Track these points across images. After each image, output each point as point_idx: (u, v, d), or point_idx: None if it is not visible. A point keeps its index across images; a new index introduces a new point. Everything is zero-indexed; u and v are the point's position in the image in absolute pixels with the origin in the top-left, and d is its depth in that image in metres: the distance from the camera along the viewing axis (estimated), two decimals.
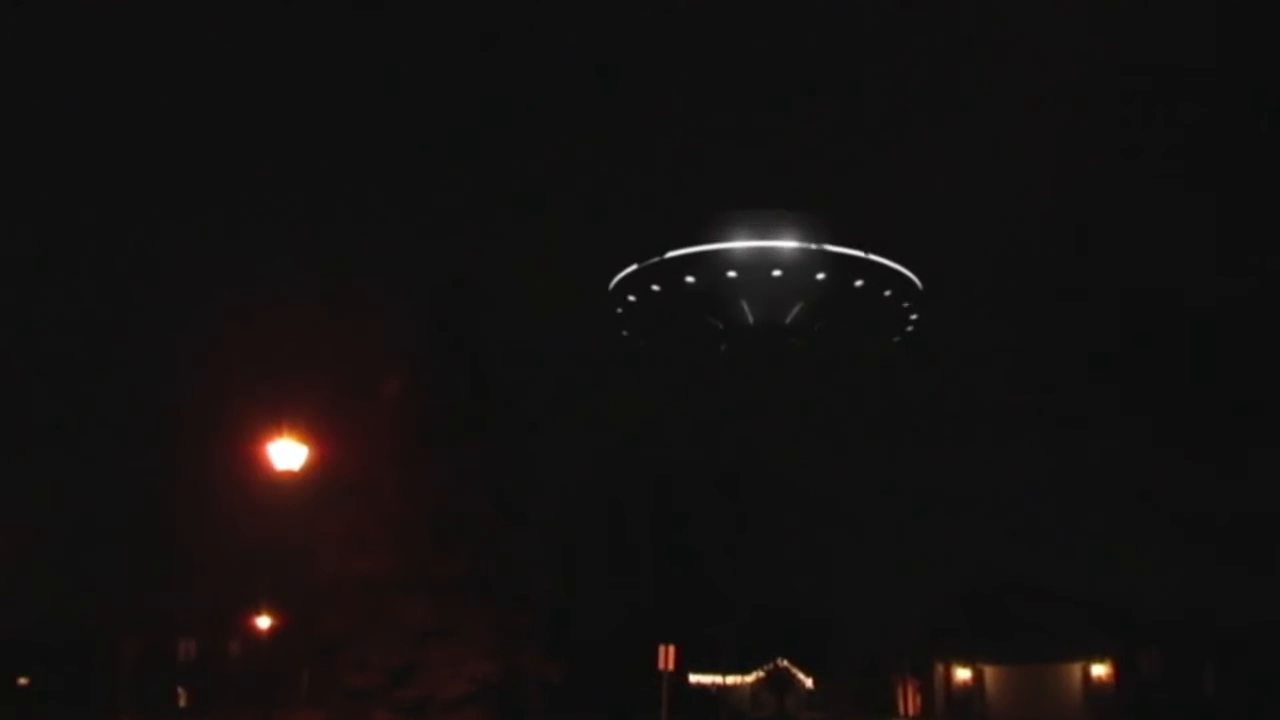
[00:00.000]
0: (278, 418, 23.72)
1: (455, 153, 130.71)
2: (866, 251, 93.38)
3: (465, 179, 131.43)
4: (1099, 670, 60.64)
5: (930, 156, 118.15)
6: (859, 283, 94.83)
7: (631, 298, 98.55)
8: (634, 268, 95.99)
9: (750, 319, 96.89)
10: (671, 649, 40.16)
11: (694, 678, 65.02)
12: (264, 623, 51.38)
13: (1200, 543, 68.45)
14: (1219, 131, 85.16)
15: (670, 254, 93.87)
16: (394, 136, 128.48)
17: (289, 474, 23.43)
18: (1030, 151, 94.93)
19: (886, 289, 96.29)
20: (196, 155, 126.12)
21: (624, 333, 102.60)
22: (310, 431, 23.89)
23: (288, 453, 23.29)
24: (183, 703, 72.11)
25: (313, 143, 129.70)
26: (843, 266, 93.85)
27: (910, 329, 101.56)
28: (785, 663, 72.72)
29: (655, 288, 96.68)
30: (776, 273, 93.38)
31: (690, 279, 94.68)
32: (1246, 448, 70.18)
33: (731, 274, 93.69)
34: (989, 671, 64.11)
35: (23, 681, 74.89)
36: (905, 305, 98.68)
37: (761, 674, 73.32)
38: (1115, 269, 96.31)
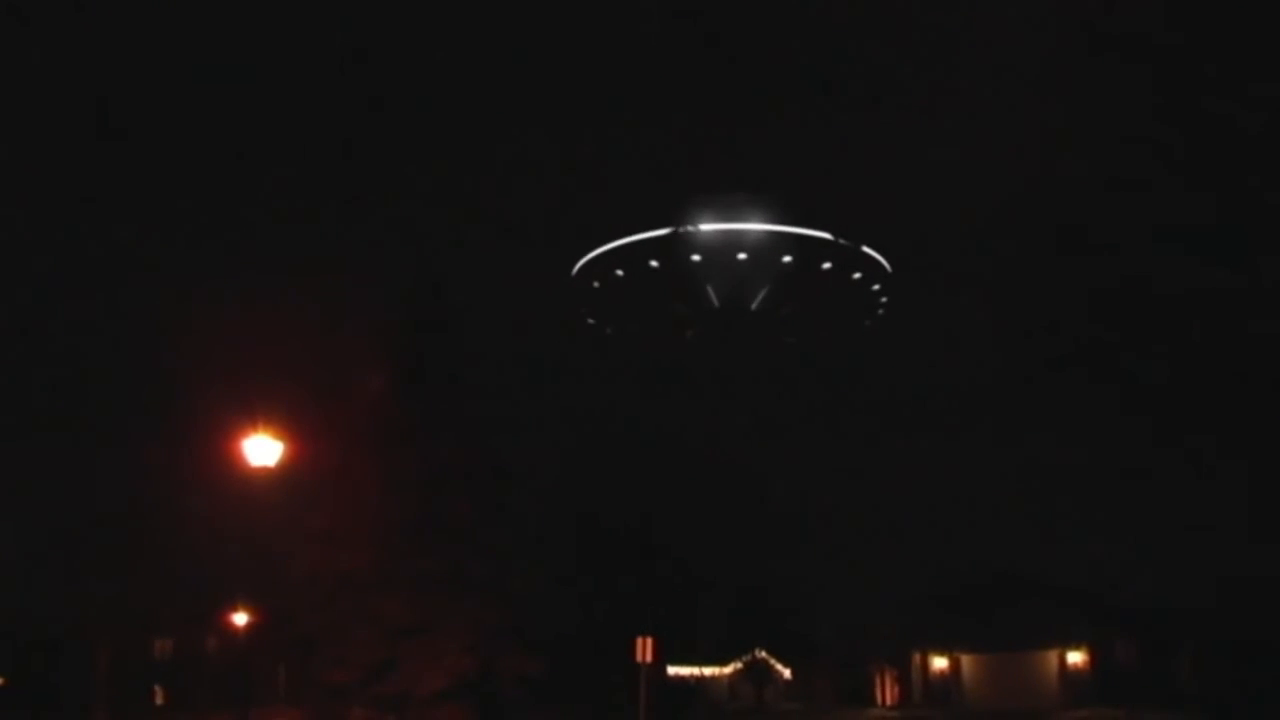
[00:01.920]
0: (253, 413, 23.60)
1: (426, 144, 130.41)
2: (834, 234, 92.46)
3: (436, 171, 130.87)
4: (1075, 658, 61.03)
5: (900, 138, 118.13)
6: (826, 265, 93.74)
7: (595, 283, 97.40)
8: (597, 252, 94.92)
9: (716, 303, 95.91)
10: (650, 641, 40.15)
11: (672, 670, 65.09)
12: (241, 620, 51.15)
13: (1176, 532, 68.82)
14: (1204, 116, 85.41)
15: (634, 238, 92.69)
16: (367, 130, 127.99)
17: (264, 470, 23.31)
18: (1004, 133, 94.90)
19: (855, 271, 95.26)
20: (175, 155, 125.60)
21: (589, 319, 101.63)
22: (286, 427, 23.79)
23: (263, 449, 23.18)
24: (159, 701, 71.94)
25: (288, 141, 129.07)
26: (809, 249, 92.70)
27: (880, 312, 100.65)
28: (764, 654, 72.86)
29: (619, 272, 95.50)
30: (742, 256, 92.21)
31: (654, 263, 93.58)
32: (1225, 438, 70.54)
33: (696, 257, 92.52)
34: (966, 660, 64.49)
35: None
36: (874, 288, 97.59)
37: (740, 665, 73.46)
38: (1092, 254, 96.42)
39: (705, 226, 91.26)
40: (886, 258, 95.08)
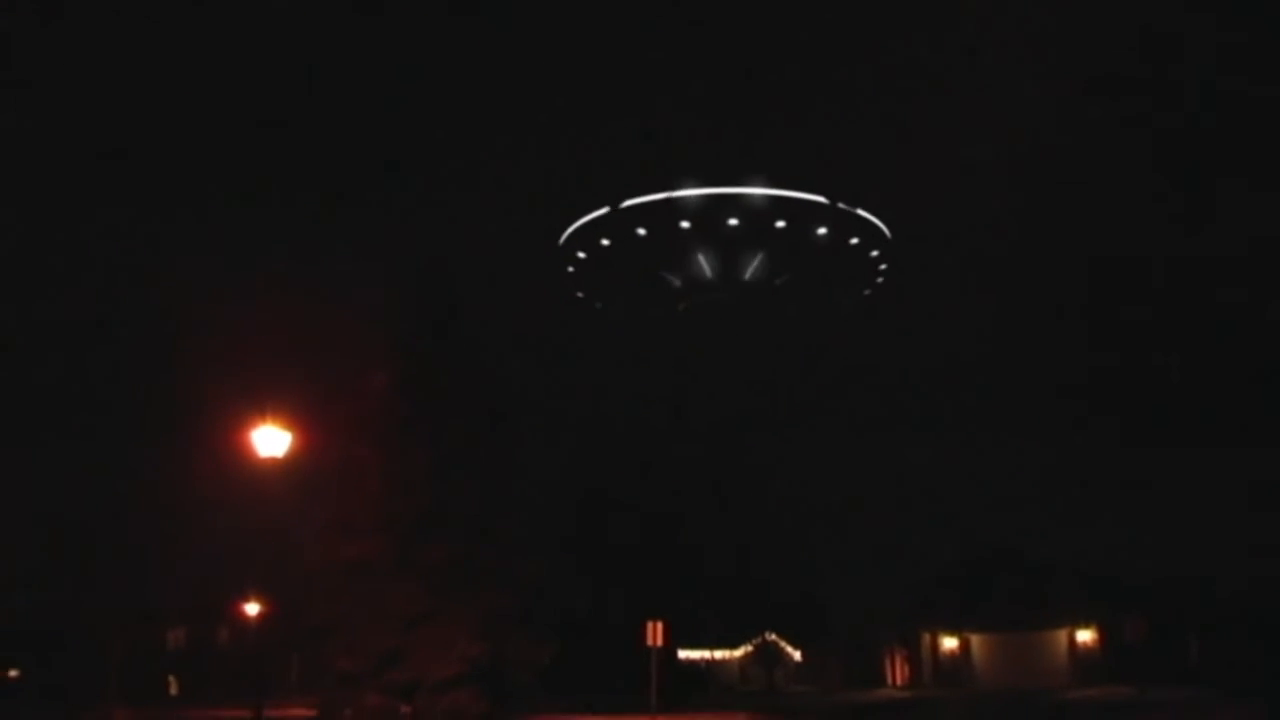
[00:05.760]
0: (261, 404, 23.70)
1: (425, 132, 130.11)
2: (831, 198, 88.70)
3: (433, 147, 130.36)
4: (1084, 636, 61.23)
5: (900, 99, 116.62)
6: (822, 231, 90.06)
7: (582, 254, 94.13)
8: (582, 221, 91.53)
9: (707, 272, 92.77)
10: (659, 625, 40.31)
11: (682, 653, 65.29)
12: (252, 610, 51.46)
13: (1185, 511, 69.00)
14: (1200, 97, 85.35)
15: (624, 204, 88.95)
16: (367, 117, 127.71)
17: (274, 460, 23.41)
18: (1006, 101, 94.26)
19: (853, 238, 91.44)
20: (179, 147, 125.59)
21: (578, 294, 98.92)
22: (294, 417, 23.88)
23: (272, 439, 23.27)
24: (173, 691, 72.42)
25: (293, 134, 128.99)
26: (805, 213, 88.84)
27: (880, 280, 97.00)
28: (773, 636, 73.06)
29: (605, 242, 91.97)
30: (733, 221, 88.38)
31: (642, 231, 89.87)
32: (1229, 416, 70.65)
33: (685, 224, 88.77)
34: (976, 640, 64.71)
35: (13, 674, 74.96)
36: (873, 255, 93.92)
37: (750, 648, 73.68)
38: (1098, 226, 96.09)
39: (694, 191, 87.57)
40: (886, 224, 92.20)
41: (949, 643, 65.45)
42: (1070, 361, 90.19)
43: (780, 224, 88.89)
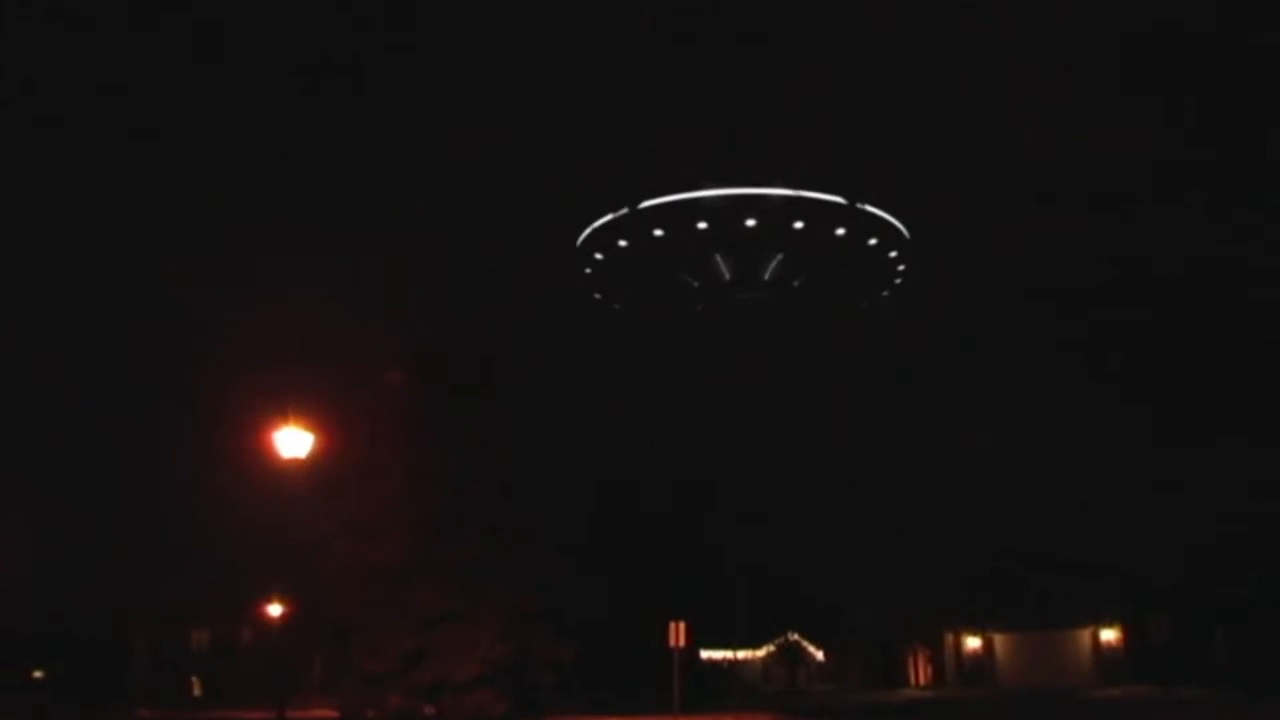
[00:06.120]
0: (283, 406, 23.74)
1: (431, 133, 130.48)
2: (850, 198, 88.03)
3: (451, 156, 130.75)
4: (1108, 635, 60.87)
5: (920, 99, 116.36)
6: (841, 231, 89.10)
7: (599, 255, 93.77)
8: (599, 222, 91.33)
9: (725, 273, 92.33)
10: (682, 625, 40.24)
11: (705, 653, 65.26)
12: (275, 611, 51.60)
13: (1210, 510, 68.58)
14: (1217, 92, 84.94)
15: (642, 205, 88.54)
16: (383, 118, 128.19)
17: (295, 462, 23.43)
18: (1025, 100, 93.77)
19: (871, 238, 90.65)
20: (199, 148, 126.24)
21: (595, 295, 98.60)
22: (315, 419, 23.91)
23: (294, 440, 23.29)
24: (197, 692, 72.65)
25: (310, 134, 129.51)
26: (823, 214, 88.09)
27: (898, 281, 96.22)
28: (796, 636, 72.99)
29: (622, 243, 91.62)
30: (751, 222, 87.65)
31: (659, 232, 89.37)
32: (1254, 410, 70.23)
33: (703, 225, 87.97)
34: (999, 639, 64.42)
35: (38, 674, 75.40)
36: (892, 255, 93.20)
37: (773, 648, 73.61)
38: (1116, 226, 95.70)
39: (712, 192, 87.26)
40: (904, 224, 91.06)
41: (972, 642, 65.18)
42: (1088, 359, 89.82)
43: (798, 225, 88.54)
